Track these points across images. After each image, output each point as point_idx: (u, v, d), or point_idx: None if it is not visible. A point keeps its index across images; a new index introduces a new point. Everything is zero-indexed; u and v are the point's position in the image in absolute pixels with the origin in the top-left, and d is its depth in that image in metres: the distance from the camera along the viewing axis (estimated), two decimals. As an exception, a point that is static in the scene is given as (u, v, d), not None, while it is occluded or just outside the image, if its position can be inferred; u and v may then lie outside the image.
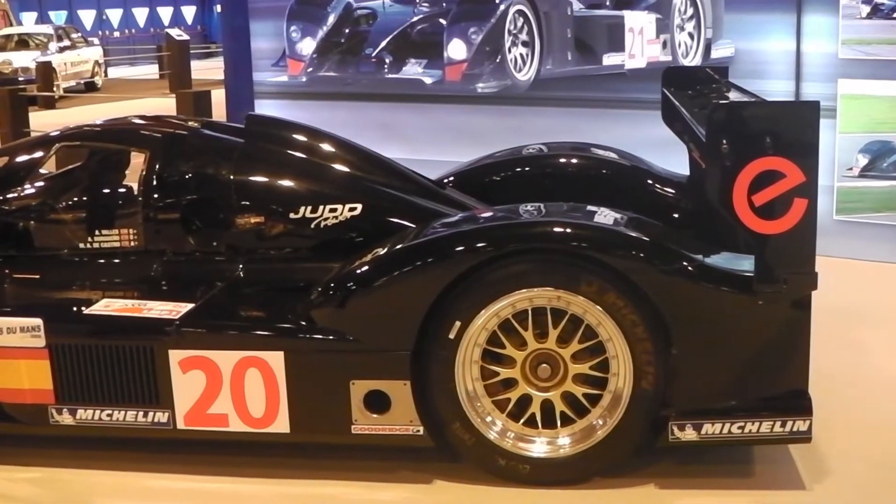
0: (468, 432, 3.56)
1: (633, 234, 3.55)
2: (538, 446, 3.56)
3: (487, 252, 3.48)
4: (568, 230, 3.52)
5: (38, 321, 3.76)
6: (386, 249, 3.72)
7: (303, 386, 3.60)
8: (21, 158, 4.59)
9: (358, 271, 3.66)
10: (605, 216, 3.66)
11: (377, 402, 3.58)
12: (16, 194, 4.37)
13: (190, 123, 4.57)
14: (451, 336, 3.49)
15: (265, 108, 8.19)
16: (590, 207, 3.76)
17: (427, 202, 4.21)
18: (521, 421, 3.57)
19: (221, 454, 3.84)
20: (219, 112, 8.89)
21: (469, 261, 3.47)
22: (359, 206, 4.08)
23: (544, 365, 3.55)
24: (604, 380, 3.52)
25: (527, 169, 4.76)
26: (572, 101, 7.39)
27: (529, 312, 3.50)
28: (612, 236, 3.53)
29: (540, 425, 3.56)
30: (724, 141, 3.28)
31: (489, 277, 3.47)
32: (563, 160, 4.76)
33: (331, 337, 3.58)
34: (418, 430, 3.58)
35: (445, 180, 4.69)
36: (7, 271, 4.25)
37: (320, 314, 3.63)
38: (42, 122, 9.82)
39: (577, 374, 3.54)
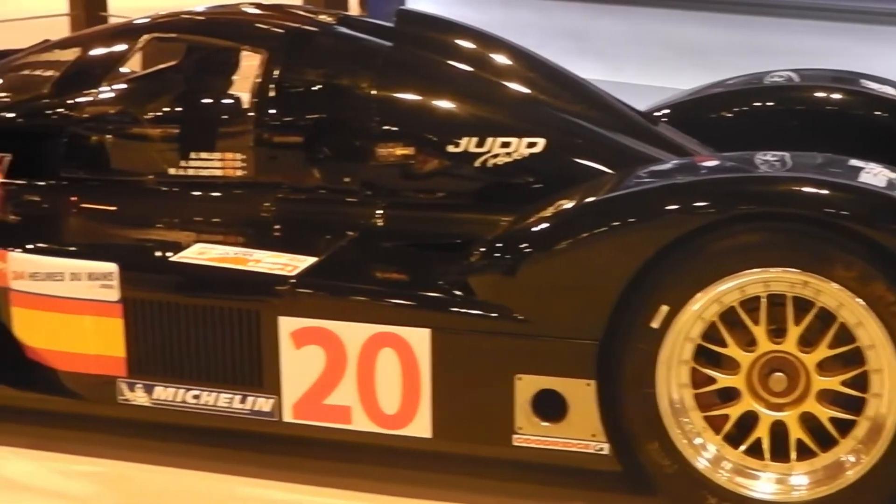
0: (668, 457, 3.57)
1: (916, 203, 3.49)
2: (763, 484, 3.55)
3: (709, 214, 3.47)
4: (822, 191, 3.48)
5: (111, 267, 3.91)
6: (573, 202, 3.74)
7: (452, 377, 3.66)
8: (97, 52, 4.74)
9: (534, 229, 3.69)
10: (876, 175, 3.61)
11: (549, 407, 3.61)
12: (89, 99, 4.53)
13: (321, 18, 4.64)
14: (655, 325, 3.50)
15: (421, 2, 8.23)
16: (854, 162, 3.71)
17: (631, 141, 4.20)
18: (743, 447, 3.56)
19: (340, 460, 3.94)
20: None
21: (683, 225, 3.47)
22: (540, 142, 4.10)
23: (779, 374, 3.52)
24: (860, 401, 3.48)
25: (768, 104, 4.73)
26: (837, 12, 7.24)
27: (763, 301, 3.47)
28: (883, 203, 3.48)
29: (767, 456, 3.55)
30: None
31: (710, 249, 3.46)
32: (819, 95, 4.72)
33: (493, 314, 3.62)
34: (601, 448, 3.61)
35: (657, 114, 4.68)
36: (75, 199, 4.42)
37: (481, 283, 3.67)
38: (124, 4, 10.07)
39: (823, 389, 3.51)
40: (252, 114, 4.28)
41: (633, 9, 7.78)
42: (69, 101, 4.53)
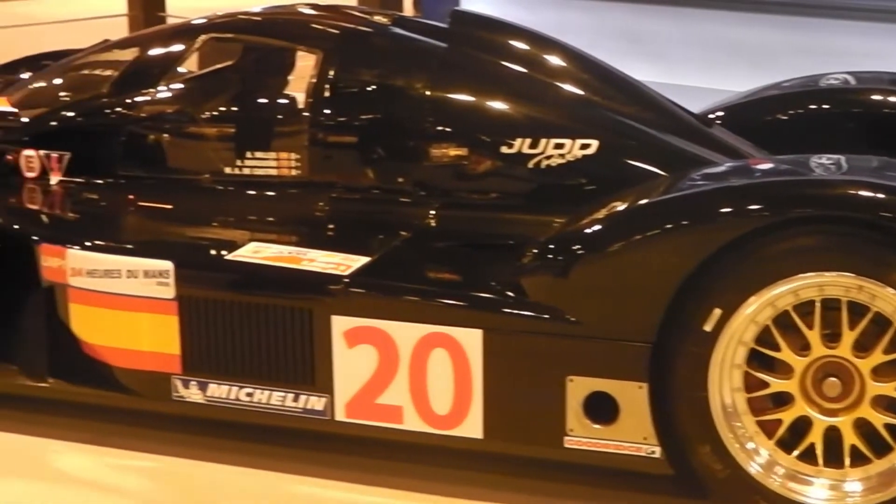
0: (720, 461, 3.54)
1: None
2: (816, 490, 3.52)
3: (763, 217, 3.45)
4: (878, 195, 3.44)
5: (167, 265, 3.92)
6: (626, 204, 3.73)
7: (504, 378, 3.65)
8: (155, 52, 4.78)
9: (587, 231, 3.67)
10: (935, 180, 3.57)
11: (601, 409, 3.59)
12: (147, 99, 4.57)
13: (376, 18, 4.66)
14: (708, 328, 3.48)
15: (475, 3, 8.24)
16: (912, 166, 3.69)
17: (685, 144, 4.18)
18: (796, 453, 3.53)
19: (391, 459, 3.94)
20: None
21: (738, 228, 3.45)
22: (593, 144, 4.09)
23: (833, 379, 3.49)
24: (916, 407, 3.46)
25: (824, 107, 4.70)
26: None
27: (817, 305, 3.44)
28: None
29: (821, 461, 3.52)
30: None
31: (764, 252, 3.43)
32: (876, 97, 4.69)
33: (545, 316, 3.61)
34: (653, 452, 3.59)
35: (711, 116, 4.66)
36: (132, 197, 4.45)
37: (533, 284, 3.66)
38: (182, 4, 10.14)
39: (878, 395, 3.48)
40: (307, 114, 4.29)
41: (688, 10, 7.73)
42: (127, 101, 4.57)
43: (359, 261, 3.87)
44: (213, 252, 4.09)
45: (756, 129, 4.56)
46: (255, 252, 3.99)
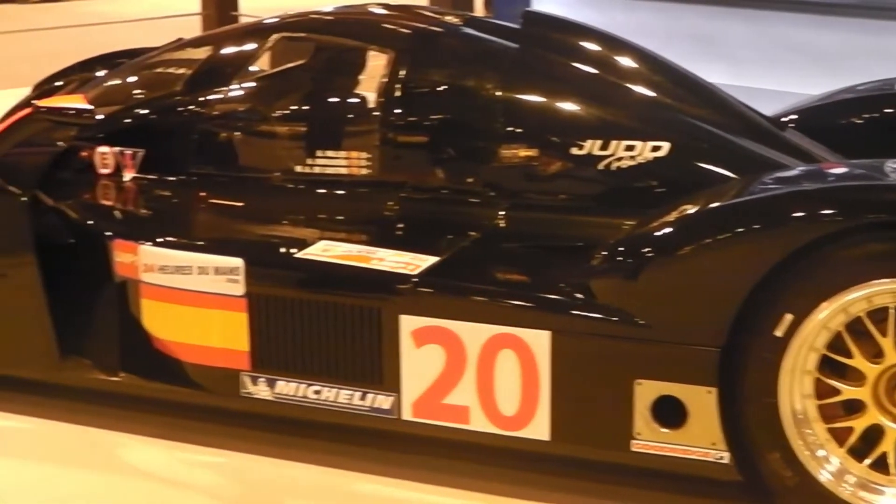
0: (790, 468, 3.50)
1: None
2: (888, 500, 3.46)
3: (837, 222, 3.40)
4: (955, 201, 3.41)
5: (237, 262, 3.94)
6: (697, 207, 3.69)
7: (571, 380, 3.63)
8: (227, 51, 4.81)
9: (657, 234, 3.65)
10: None
11: (669, 413, 3.57)
12: (219, 97, 4.59)
13: (448, 19, 4.66)
14: (779, 333, 3.44)
15: (547, 4, 8.22)
16: None
17: (757, 147, 4.14)
18: (868, 461, 3.48)
19: (456, 459, 3.93)
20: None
21: (810, 232, 3.41)
22: (665, 146, 4.06)
23: (906, 387, 3.46)
24: None
25: (901, 111, 4.65)
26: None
27: (891, 312, 3.39)
28: None
29: (893, 471, 3.46)
30: None
31: (838, 258, 3.39)
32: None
33: (614, 318, 3.58)
34: (721, 457, 3.55)
35: (785, 119, 4.62)
36: (203, 194, 4.47)
37: (603, 286, 3.64)
38: (255, 4, 10.20)
39: (952, 404, 3.44)
40: (378, 113, 4.30)
41: (761, 12, 7.67)
42: (200, 99, 4.59)
43: (428, 260, 3.87)
44: (282, 250, 4.10)
45: (830, 133, 4.50)
46: (325, 250, 3.99)
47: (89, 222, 4.33)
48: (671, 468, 3.62)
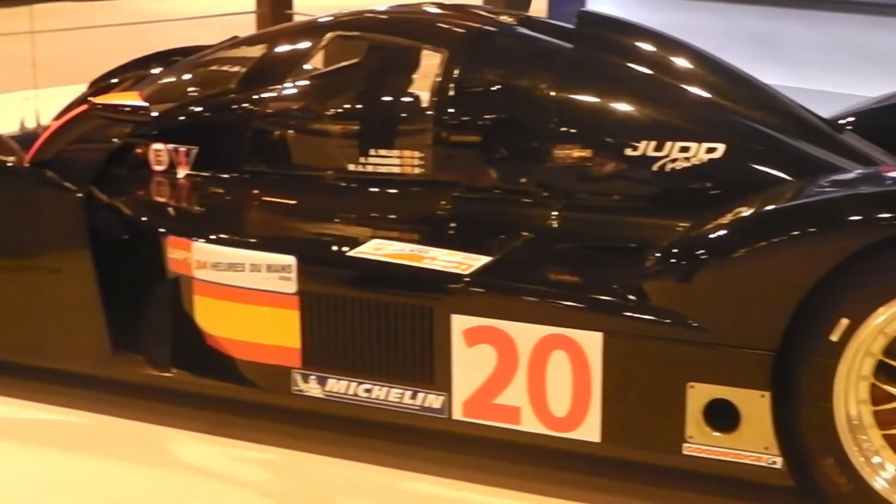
0: (844, 474, 3.47)
1: None
2: (943, 508, 3.44)
3: (894, 226, 3.35)
4: None
5: (290, 259, 3.94)
6: (752, 210, 3.66)
7: (623, 382, 3.61)
8: (282, 49, 4.82)
9: (712, 236, 3.61)
10: None
11: (722, 417, 3.54)
12: (273, 95, 4.60)
13: (502, 18, 4.66)
14: (834, 338, 3.40)
15: (602, 4, 8.20)
16: None
17: (814, 149, 4.10)
18: (924, 469, 3.45)
19: (505, 459, 3.92)
20: (538, 6, 8.97)
21: (867, 236, 3.36)
22: (720, 148, 4.03)
23: (963, 395, 3.41)
24: None
25: (960, 114, 4.60)
26: None
27: (950, 318, 3.36)
28: None
29: (949, 478, 3.44)
30: None
31: (895, 262, 3.34)
32: None
33: (667, 320, 3.56)
34: (774, 462, 3.52)
35: (842, 121, 4.58)
36: (256, 192, 4.47)
37: (656, 288, 3.62)
38: (309, 3, 10.23)
39: None
40: (431, 112, 4.30)
41: (819, 14, 7.61)
42: (254, 97, 4.60)
43: (480, 260, 3.85)
44: (334, 248, 4.10)
45: (888, 136, 4.46)
46: (377, 249, 3.99)
47: (143, 219, 4.35)
48: (723, 472, 3.59)
